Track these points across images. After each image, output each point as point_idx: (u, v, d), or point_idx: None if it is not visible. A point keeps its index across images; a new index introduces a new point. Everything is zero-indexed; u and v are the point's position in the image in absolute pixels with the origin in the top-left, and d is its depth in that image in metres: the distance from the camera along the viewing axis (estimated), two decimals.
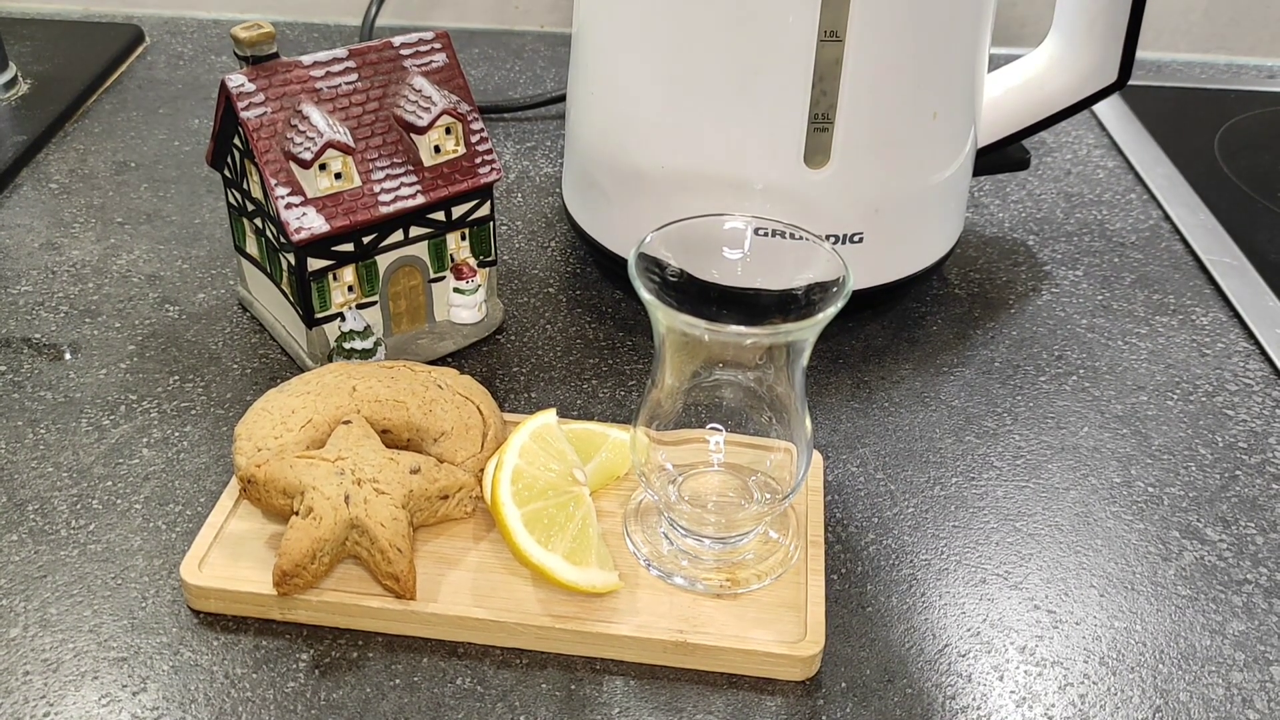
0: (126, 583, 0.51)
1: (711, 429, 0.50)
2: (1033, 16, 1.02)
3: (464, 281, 0.63)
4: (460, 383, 0.55)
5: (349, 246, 0.58)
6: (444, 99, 0.58)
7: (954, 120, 0.62)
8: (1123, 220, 0.78)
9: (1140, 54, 0.97)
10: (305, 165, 0.55)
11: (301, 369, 0.62)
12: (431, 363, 0.62)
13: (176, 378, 0.62)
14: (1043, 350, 0.66)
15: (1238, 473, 0.58)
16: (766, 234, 0.50)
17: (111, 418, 0.59)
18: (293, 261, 0.58)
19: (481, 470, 0.52)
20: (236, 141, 0.58)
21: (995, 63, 0.68)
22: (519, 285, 0.70)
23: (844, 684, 0.47)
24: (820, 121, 0.58)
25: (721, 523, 0.51)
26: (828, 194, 0.60)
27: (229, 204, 0.63)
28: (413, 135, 0.58)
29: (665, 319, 0.45)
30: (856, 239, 0.61)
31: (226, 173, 0.62)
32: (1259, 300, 0.70)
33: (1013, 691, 0.47)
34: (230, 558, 0.50)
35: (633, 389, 0.62)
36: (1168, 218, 0.79)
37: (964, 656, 0.48)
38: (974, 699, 0.47)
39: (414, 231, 0.60)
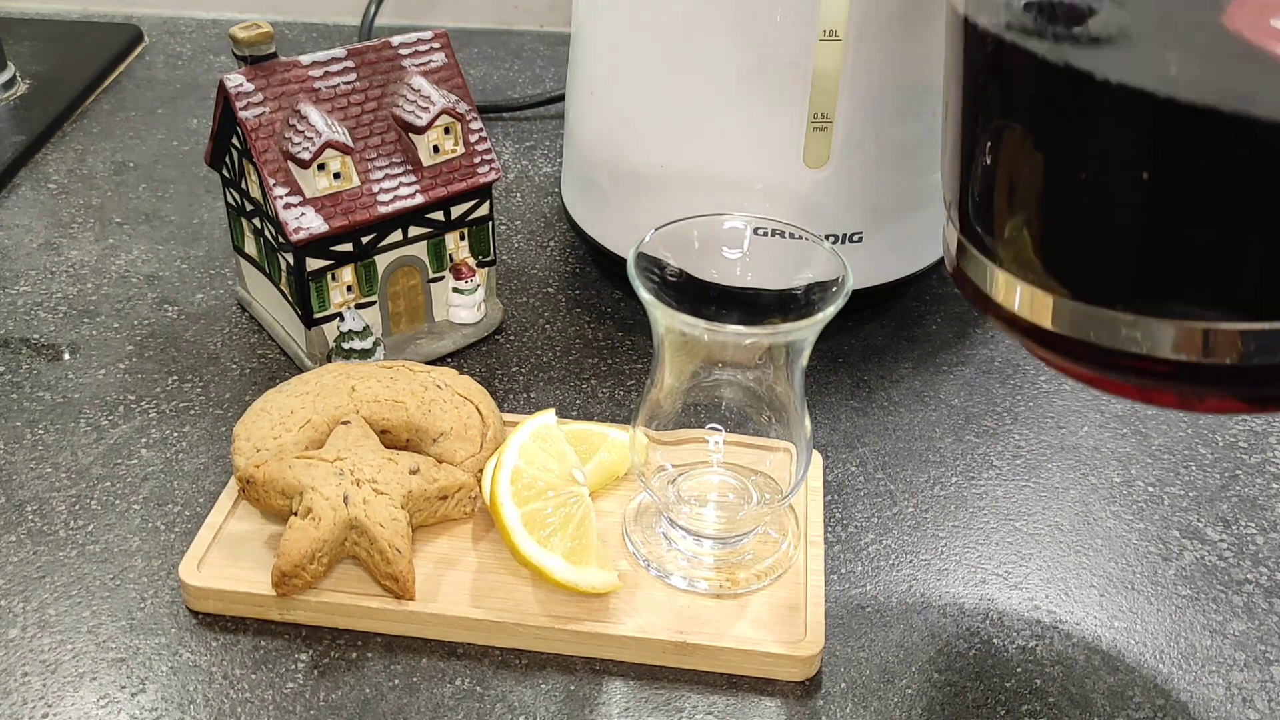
0: (125, 583, 0.51)
1: (711, 429, 0.50)
2: None
3: (463, 281, 0.63)
4: (459, 383, 0.55)
5: (348, 246, 0.58)
6: (443, 98, 0.58)
7: None
8: None
9: None
10: (304, 165, 0.55)
11: (300, 369, 0.62)
12: (430, 363, 0.62)
13: (175, 378, 0.62)
14: None
15: (1238, 472, 0.58)
16: (766, 233, 0.50)
17: (110, 418, 0.59)
18: (291, 261, 0.58)
19: (480, 470, 0.52)
20: (235, 141, 0.58)
21: None
22: (518, 285, 0.70)
23: (844, 684, 0.47)
24: (819, 121, 0.58)
25: (721, 523, 0.51)
26: (827, 193, 0.60)
27: (228, 204, 0.63)
28: (411, 135, 0.58)
29: (664, 319, 0.45)
30: (856, 238, 0.61)
31: (225, 173, 0.61)
32: None
33: (1014, 691, 0.47)
34: (229, 558, 0.50)
35: (632, 389, 0.62)
36: None
37: (964, 656, 0.48)
38: (974, 699, 0.47)
39: (413, 231, 0.60)
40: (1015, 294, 0.43)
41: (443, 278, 0.63)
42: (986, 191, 0.43)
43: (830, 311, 0.44)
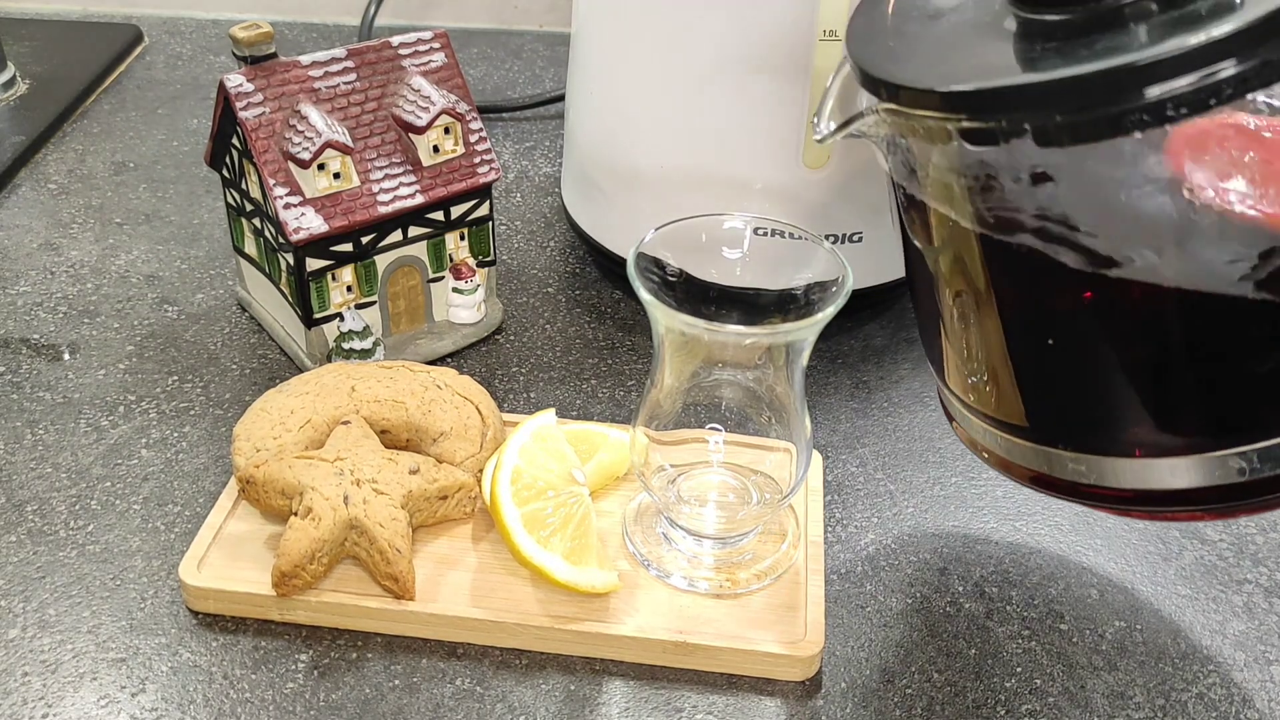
0: (125, 583, 0.51)
1: (711, 429, 0.50)
2: None
3: (463, 281, 0.63)
4: (459, 383, 0.55)
5: (348, 246, 0.58)
6: (443, 99, 0.58)
7: None
8: None
9: None
10: (304, 165, 0.55)
11: (300, 369, 0.62)
12: (430, 363, 0.62)
13: (175, 378, 0.62)
14: None
15: None
16: (766, 233, 0.50)
17: (110, 418, 0.59)
18: (291, 262, 0.58)
19: (480, 470, 0.52)
20: (235, 141, 0.58)
21: None
22: (518, 285, 0.70)
23: (844, 684, 0.47)
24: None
25: (721, 523, 0.51)
26: (827, 193, 0.60)
27: (228, 204, 0.63)
28: (411, 135, 0.58)
29: (664, 319, 0.45)
30: (856, 239, 0.61)
31: (225, 173, 0.61)
32: None
33: (1014, 691, 0.47)
34: (229, 558, 0.50)
35: (632, 389, 0.62)
36: None
37: (964, 656, 0.48)
38: (974, 699, 0.47)
39: (413, 231, 0.60)
40: (968, 423, 0.46)
41: (443, 278, 0.63)
42: (931, 331, 0.47)
43: (830, 311, 0.44)
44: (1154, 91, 0.33)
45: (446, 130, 0.59)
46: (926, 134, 0.39)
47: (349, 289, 0.60)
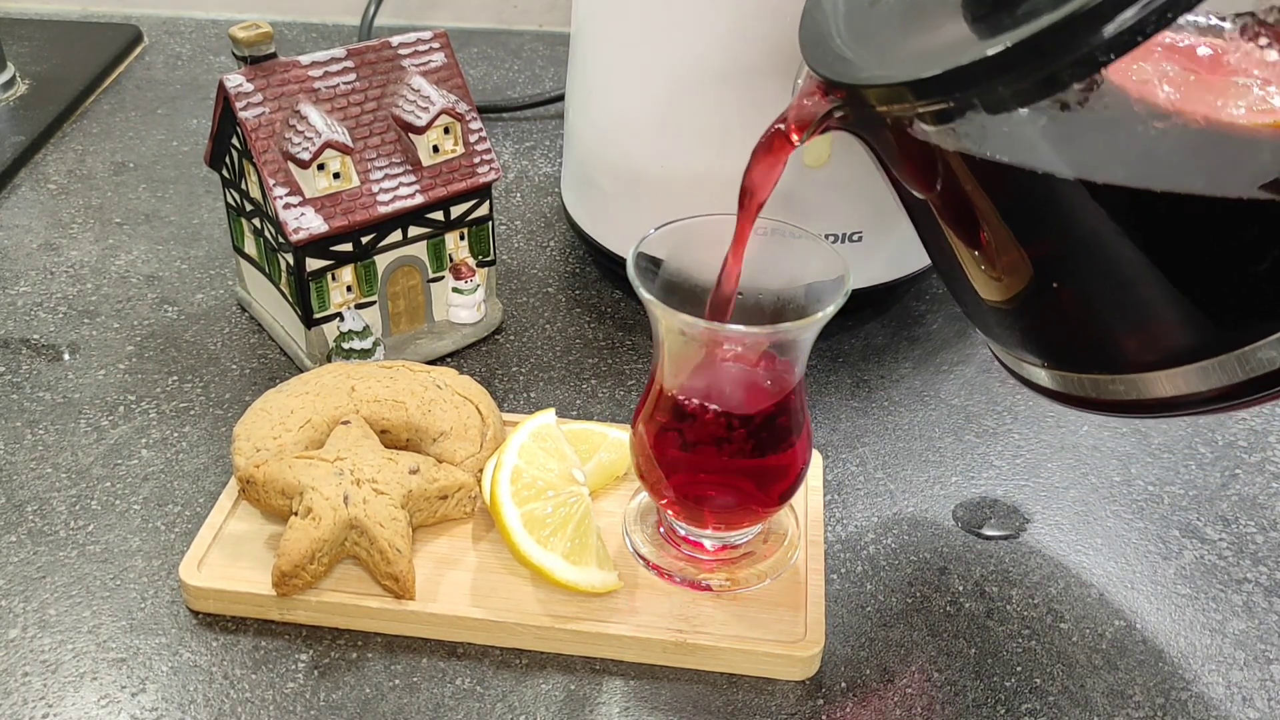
0: (125, 583, 0.51)
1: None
2: None
3: (463, 281, 0.63)
4: (459, 383, 0.55)
5: (348, 246, 0.58)
6: (442, 98, 0.58)
7: None
8: None
9: None
10: (303, 165, 0.55)
11: (300, 369, 0.62)
12: (430, 363, 0.62)
13: (175, 378, 0.62)
14: None
15: (1238, 471, 0.58)
16: (766, 233, 0.50)
17: (110, 418, 0.59)
18: (291, 262, 0.58)
19: (480, 470, 0.52)
20: (235, 141, 0.58)
21: None
22: (518, 285, 0.70)
23: (844, 684, 0.47)
24: None
25: (721, 522, 0.51)
26: (827, 193, 0.60)
27: (227, 204, 0.63)
28: (411, 135, 0.58)
29: (664, 318, 0.45)
30: (856, 238, 0.61)
31: (225, 173, 0.61)
32: None
33: (1014, 690, 0.47)
34: (229, 558, 0.50)
35: (632, 389, 0.62)
36: None
37: (964, 656, 0.48)
38: (974, 698, 0.47)
39: (413, 231, 0.60)
40: (1021, 368, 0.48)
41: (443, 278, 0.63)
42: (944, 271, 0.47)
43: (830, 311, 0.44)
44: (1110, 28, 0.33)
45: (446, 130, 0.59)
46: (896, 120, 0.40)
47: (349, 289, 0.60)
